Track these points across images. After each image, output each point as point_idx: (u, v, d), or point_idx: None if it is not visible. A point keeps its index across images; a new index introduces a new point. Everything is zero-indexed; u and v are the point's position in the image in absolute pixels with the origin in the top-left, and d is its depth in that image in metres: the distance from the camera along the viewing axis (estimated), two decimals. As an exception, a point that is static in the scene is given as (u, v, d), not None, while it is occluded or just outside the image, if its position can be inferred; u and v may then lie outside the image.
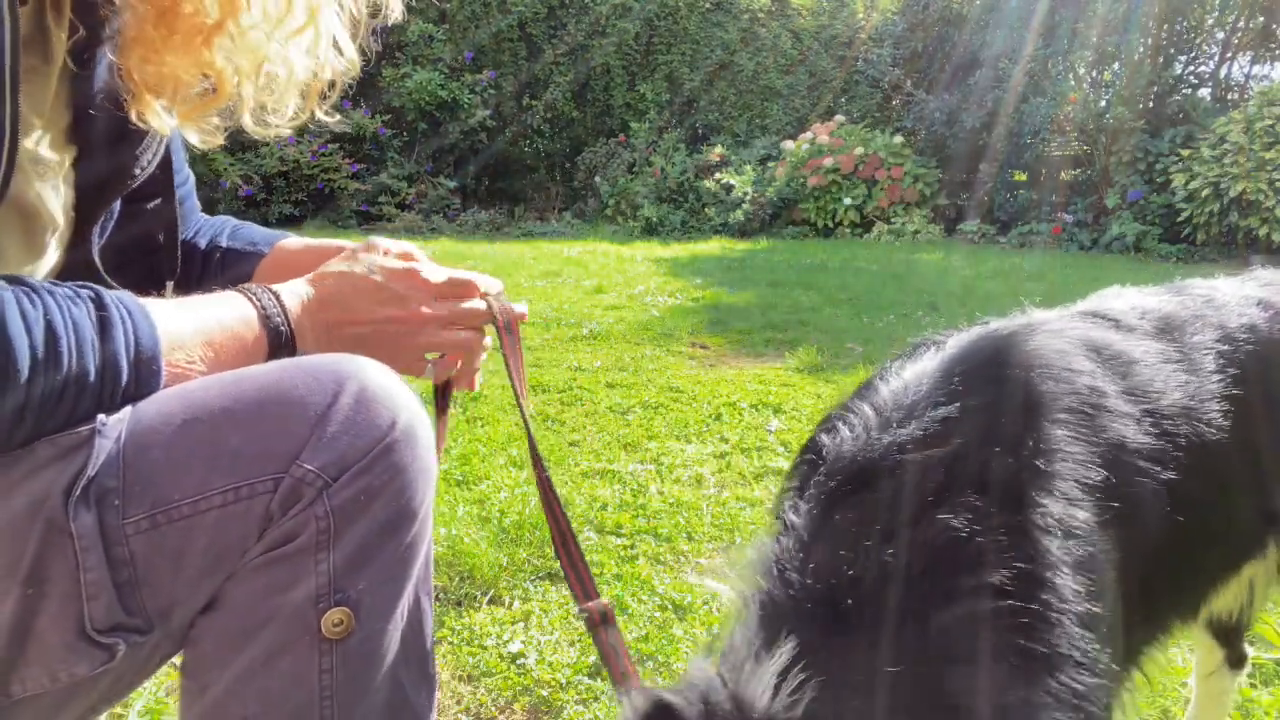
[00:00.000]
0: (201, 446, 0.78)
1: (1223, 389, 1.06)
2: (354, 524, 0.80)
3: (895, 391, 0.93)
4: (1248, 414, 1.07)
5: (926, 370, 0.94)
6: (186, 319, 0.86)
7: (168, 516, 0.77)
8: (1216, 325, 1.14)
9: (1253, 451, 1.09)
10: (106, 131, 0.93)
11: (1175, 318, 1.13)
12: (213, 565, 0.79)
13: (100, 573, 0.75)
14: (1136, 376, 0.99)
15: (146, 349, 0.79)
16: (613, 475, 2.79)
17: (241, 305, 0.91)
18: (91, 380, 0.76)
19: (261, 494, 0.78)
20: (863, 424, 0.89)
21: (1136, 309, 1.14)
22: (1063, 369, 0.93)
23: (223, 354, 0.87)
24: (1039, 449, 0.84)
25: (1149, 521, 0.92)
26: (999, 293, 6.15)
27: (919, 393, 0.90)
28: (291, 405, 0.80)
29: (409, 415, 0.84)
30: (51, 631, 0.76)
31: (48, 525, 0.74)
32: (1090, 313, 1.12)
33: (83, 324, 0.75)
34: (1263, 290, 1.26)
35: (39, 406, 0.73)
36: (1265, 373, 1.12)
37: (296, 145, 10.45)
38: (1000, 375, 0.92)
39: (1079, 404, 0.90)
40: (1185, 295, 1.21)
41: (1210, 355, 1.09)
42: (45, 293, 0.74)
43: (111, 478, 0.76)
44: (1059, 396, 0.90)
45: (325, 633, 0.80)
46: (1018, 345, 0.96)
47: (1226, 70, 9.94)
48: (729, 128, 12.26)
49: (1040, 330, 1.00)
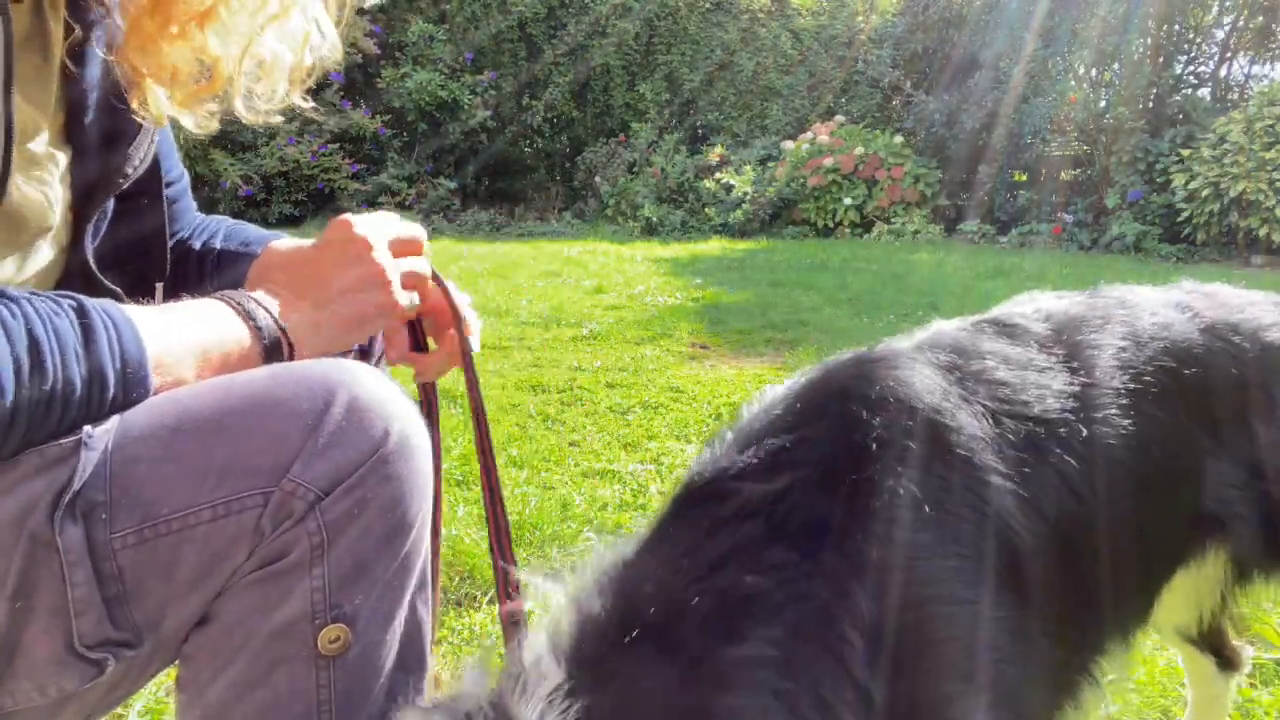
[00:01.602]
0: (190, 459, 0.76)
1: (1122, 390, 1.02)
2: (348, 538, 0.79)
3: (754, 414, 0.95)
4: (1159, 416, 1.04)
5: (782, 395, 0.96)
6: (173, 326, 0.84)
7: (156, 531, 0.75)
8: (1124, 324, 1.11)
9: (1168, 455, 1.06)
10: (99, 131, 0.92)
11: (1077, 319, 1.10)
12: (203, 579, 0.77)
13: (88, 588, 0.74)
14: (1002, 388, 0.97)
15: (133, 358, 0.78)
16: (613, 475, 2.79)
17: (223, 310, 0.88)
18: (78, 391, 0.74)
19: (251, 508, 0.76)
20: (721, 444, 0.93)
21: (1040, 312, 1.11)
22: (905, 398, 0.91)
23: (211, 359, 0.85)
24: (859, 489, 0.85)
25: (1020, 543, 0.90)
26: (999, 293, 6.14)
27: (767, 419, 0.93)
28: (281, 416, 0.78)
29: (403, 424, 0.82)
30: (39, 646, 0.75)
31: (33, 540, 0.72)
32: (991, 320, 1.09)
33: (66, 334, 0.73)
34: (1185, 295, 1.23)
35: (27, 417, 0.71)
36: (1179, 373, 1.09)
37: (296, 145, 10.46)
38: (837, 408, 0.92)
39: (915, 435, 0.89)
40: (1098, 298, 1.18)
41: (1108, 354, 1.05)
42: (26, 304, 0.73)
43: (99, 491, 0.74)
44: (892, 431, 0.89)
45: (322, 649, 0.79)
46: (870, 373, 0.95)
47: (1226, 70, 9.95)
48: (729, 128, 12.26)
49: (901, 354, 0.99)
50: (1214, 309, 1.20)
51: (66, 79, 0.88)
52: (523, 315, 5.37)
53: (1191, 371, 1.10)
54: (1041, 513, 0.91)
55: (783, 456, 0.87)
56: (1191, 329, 1.15)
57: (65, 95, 0.89)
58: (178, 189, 1.15)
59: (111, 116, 0.93)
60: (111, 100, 0.92)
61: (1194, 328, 1.15)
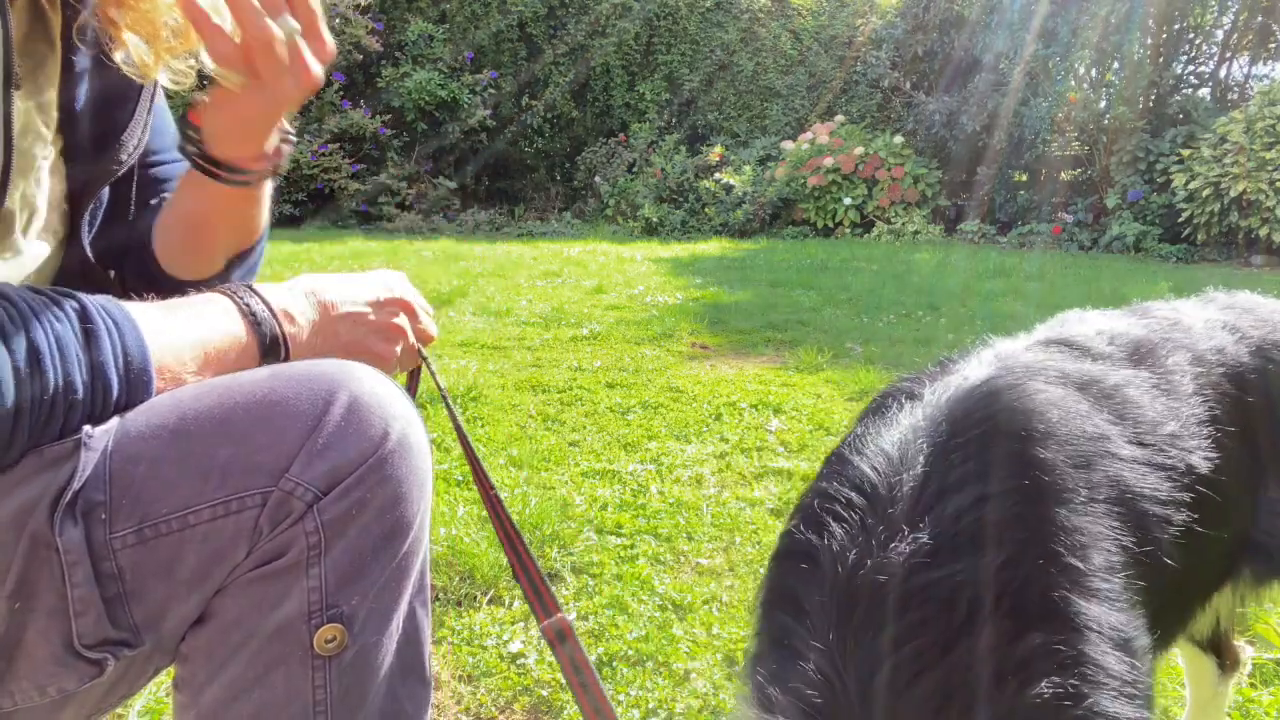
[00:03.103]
0: (190, 459, 0.76)
1: (1205, 414, 1.01)
2: (346, 538, 0.79)
3: (883, 471, 0.80)
4: (1228, 444, 1.02)
5: (913, 449, 0.82)
6: (175, 323, 0.84)
7: (155, 531, 0.75)
8: (1187, 348, 1.09)
9: (1231, 474, 1.04)
10: (93, 121, 0.92)
11: (1144, 341, 1.07)
12: (202, 579, 0.77)
13: (88, 588, 0.74)
14: (1132, 411, 0.92)
15: (136, 359, 0.78)
16: (613, 475, 2.79)
17: (225, 305, 0.89)
18: (80, 394, 0.74)
19: (250, 508, 0.76)
20: (859, 521, 0.77)
21: (1104, 334, 1.08)
22: (1067, 427, 0.84)
23: (211, 355, 0.85)
24: (1068, 543, 0.75)
25: (1163, 566, 0.87)
26: (999, 292, 6.16)
27: (913, 480, 0.78)
28: (281, 416, 0.78)
29: (403, 424, 0.82)
30: (39, 646, 0.75)
31: (33, 540, 0.73)
32: (1056, 340, 1.05)
33: (67, 339, 0.73)
34: (1226, 314, 1.21)
35: (29, 421, 0.72)
36: (1240, 400, 1.08)
37: (296, 145, 10.45)
38: (1004, 450, 0.80)
39: (1092, 463, 0.82)
40: (1149, 317, 1.16)
41: (1188, 379, 1.03)
42: (26, 306, 0.73)
43: (98, 491, 0.74)
44: (1073, 466, 0.80)
45: (318, 650, 0.79)
46: (1008, 401, 0.85)
47: (1226, 70, 9.95)
48: (729, 128, 12.26)
49: (1024, 376, 0.90)
50: (1257, 326, 1.19)
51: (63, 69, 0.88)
52: (523, 315, 5.37)
53: (1249, 399, 1.09)
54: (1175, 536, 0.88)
55: (968, 524, 0.74)
56: (1242, 351, 1.13)
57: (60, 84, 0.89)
58: (172, 168, 1.14)
59: (106, 107, 0.93)
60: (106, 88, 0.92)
61: (1244, 350, 1.13)
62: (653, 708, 1.65)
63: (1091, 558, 0.75)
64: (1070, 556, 0.74)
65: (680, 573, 2.17)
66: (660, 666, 1.78)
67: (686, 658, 1.80)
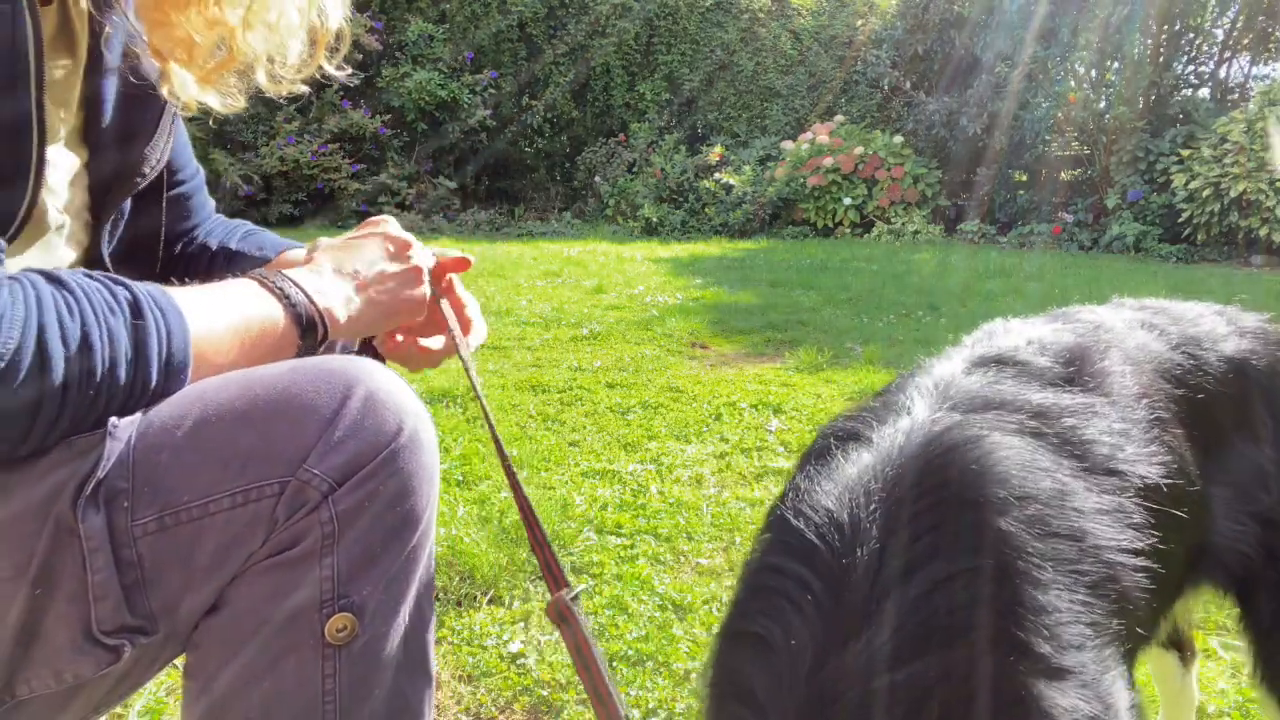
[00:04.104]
0: (211, 448, 0.78)
1: (1151, 415, 0.99)
2: (358, 529, 0.80)
3: (834, 546, 0.74)
4: (1169, 443, 1.00)
5: (863, 514, 0.76)
6: (216, 310, 0.85)
7: (176, 518, 0.77)
8: (1118, 347, 1.06)
9: (1186, 479, 1.02)
10: (116, 130, 0.93)
11: (1078, 349, 1.04)
12: (219, 566, 0.79)
13: (108, 574, 0.75)
14: (1089, 448, 0.89)
15: (177, 354, 0.80)
16: (613, 475, 2.79)
17: (258, 290, 0.90)
18: (122, 388, 0.76)
19: (269, 496, 0.78)
20: (814, 607, 0.72)
21: (1034, 344, 1.04)
22: (1027, 489, 0.79)
23: (249, 339, 0.87)
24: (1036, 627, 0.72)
25: (1134, 603, 0.84)
26: (999, 292, 6.15)
27: (867, 557, 0.73)
28: (301, 408, 0.80)
29: (415, 420, 0.84)
30: (58, 632, 0.76)
31: (56, 526, 0.74)
32: (992, 359, 1.01)
33: (119, 336, 0.75)
34: (1139, 314, 1.19)
35: (74, 401, 0.73)
36: (1175, 395, 1.06)
37: (296, 145, 10.45)
38: (963, 521, 0.76)
39: (1056, 528, 0.78)
40: (1072, 321, 1.13)
41: (1128, 379, 1.01)
42: (82, 294, 0.75)
43: (121, 479, 0.76)
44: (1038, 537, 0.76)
45: (329, 638, 0.80)
46: (965, 461, 0.80)
47: (1226, 70, 9.95)
48: (729, 128, 12.26)
49: (977, 424, 0.85)
50: (1174, 324, 1.17)
51: (87, 77, 0.89)
52: (523, 315, 5.37)
53: (1181, 393, 1.08)
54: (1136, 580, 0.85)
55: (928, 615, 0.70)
56: (1164, 348, 1.12)
57: (85, 94, 0.90)
58: (192, 185, 1.17)
59: (128, 115, 0.94)
60: (129, 98, 0.93)
61: (1165, 346, 1.12)
62: (653, 708, 1.65)
63: (1061, 636, 0.72)
64: (1040, 643, 0.71)
65: (680, 573, 2.17)
66: (660, 666, 1.78)
67: (686, 658, 1.80)
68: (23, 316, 0.70)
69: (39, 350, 0.70)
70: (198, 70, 0.92)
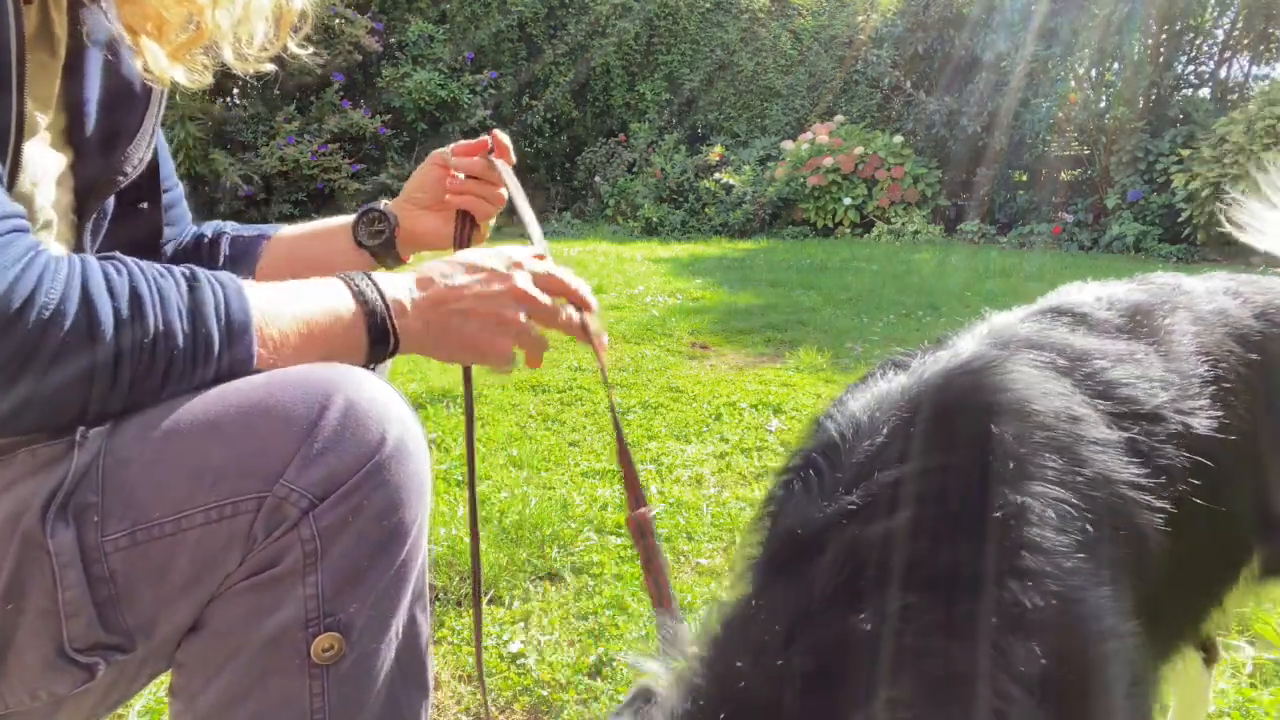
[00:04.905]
0: (183, 462, 0.75)
1: (1207, 372, 0.98)
2: (342, 545, 0.77)
3: (847, 438, 0.82)
4: (1232, 403, 0.98)
5: (880, 416, 0.83)
6: (280, 294, 0.84)
7: (148, 534, 0.74)
8: (1187, 309, 1.06)
9: (1241, 436, 1.00)
10: (99, 130, 0.92)
11: (1144, 305, 1.05)
12: (195, 584, 0.76)
13: (79, 591, 0.73)
14: (1117, 388, 0.90)
15: (237, 314, 0.78)
16: (613, 475, 2.79)
17: (335, 285, 0.89)
18: (180, 342, 0.74)
19: (244, 513, 0.75)
20: (813, 481, 0.80)
21: (1102, 300, 1.06)
22: (1037, 406, 0.82)
23: (316, 331, 0.84)
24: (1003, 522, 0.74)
25: (1153, 555, 0.84)
26: (999, 292, 6.15)
27: (870, 447, 0.80)
28: (276, 419, 0.76)
29: (400, 429, 0.81)
30: (30, 649, 0.74)
31: (25, 540, 0.72)
32: (1054, 309, 1.04)
33: (168, 289, 0.74)
34: (1227, 282, 1.20)
35: (130, 367, 0.72)
36: (1246, 358, 1.05)
37: (296, 145, 10.45)
38: (963, 428, 0.80)
39: (1060, 446, 0.80)
40: (1151, 284, 1.15)
41: (1187, 338, 1.00)
42: (131, 264, 0.75)
43: (91, 493, 0.73)
44: (1035, 448, 0.78)
45: (315, 658, 0.78)
46: (982, 379, 0.84)
47: (1226, 70, 9.95)
48: (729, 128, 12.26)
49: (1009, 354, 0.89)
50: (1261, 293, 1.18)
51: (68, 77, 0.88)
52: (523, 315, 5.36)
53: (1254, 358, 1.06)
54: (1164, 517, 0.85)
55: (902, 491, 0.75)
56: (1246, 314, 1.11)
57: (66, 94, 0.89)
58: (173, 195, 1.16)
59: (111, 116, 0.93)
60: (112, 99, 0.92)
61: (1248, 313, 1.12)
62: (653, 708, 1.65)
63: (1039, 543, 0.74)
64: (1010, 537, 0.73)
65: (680, 573, 2.17)
66: (660, 666, 1.77)
67: (686, 658, 1.80)
68: (65, 274, 0.70)
69: (84, 301, 0.69)
70: (168, 45, 0.91)
